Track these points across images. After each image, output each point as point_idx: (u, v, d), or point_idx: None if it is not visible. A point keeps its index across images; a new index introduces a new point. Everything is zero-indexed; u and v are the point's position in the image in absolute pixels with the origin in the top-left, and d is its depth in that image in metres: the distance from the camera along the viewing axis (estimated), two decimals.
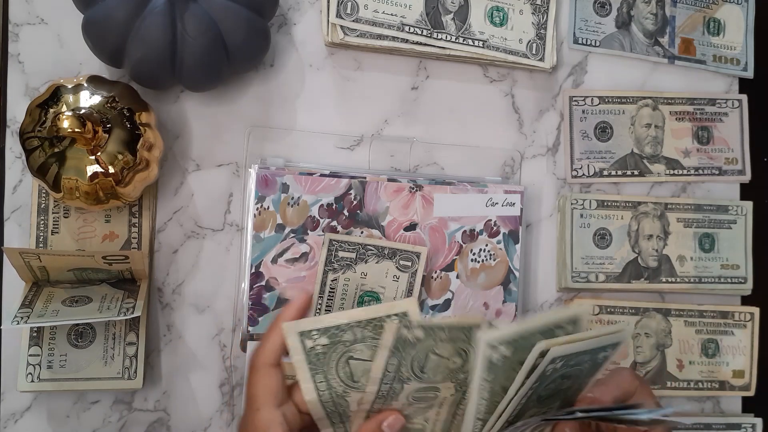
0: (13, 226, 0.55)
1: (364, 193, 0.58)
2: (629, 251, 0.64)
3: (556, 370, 0.39)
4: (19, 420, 0.55)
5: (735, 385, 0.65)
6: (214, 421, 0.58)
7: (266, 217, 0.56)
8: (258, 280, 0.55)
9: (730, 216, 0.66)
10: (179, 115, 0.58)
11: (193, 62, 0.51)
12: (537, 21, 0.63)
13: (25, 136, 0.50)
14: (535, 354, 0.37)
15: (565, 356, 0.38)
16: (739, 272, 0.66)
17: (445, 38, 0.60)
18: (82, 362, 0.54)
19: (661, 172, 0.66)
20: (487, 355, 0.38)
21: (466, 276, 0.60)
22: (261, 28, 0.54)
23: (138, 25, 0.49)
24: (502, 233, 0.60)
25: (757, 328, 0.66)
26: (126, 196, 0.52)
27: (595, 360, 0.41)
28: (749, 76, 0.69)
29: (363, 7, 0.58)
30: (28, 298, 0.51)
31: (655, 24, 0.67)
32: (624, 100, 0.65)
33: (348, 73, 0.61)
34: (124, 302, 0.51)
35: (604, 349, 0.40)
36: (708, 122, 0.67)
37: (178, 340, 0.57)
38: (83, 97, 0.50)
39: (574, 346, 0.38)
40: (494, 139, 0.63)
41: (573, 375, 0.41)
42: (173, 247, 0.58)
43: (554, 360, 0.38)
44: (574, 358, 0.39)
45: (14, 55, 0.56)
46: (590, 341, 0.39)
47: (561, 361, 0.38)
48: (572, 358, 0.39)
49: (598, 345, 0.40)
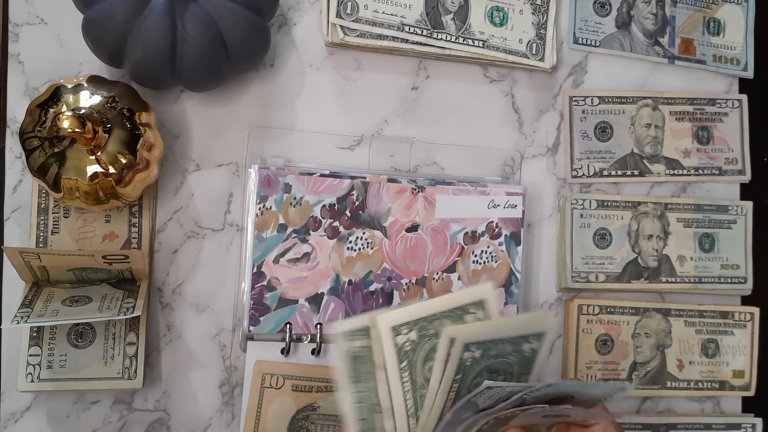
0: (13, 226, 0.55)
1: (367, 193, 0.58)
2: (629, 251, 0.64)
3: (477, 361, 0.37)
4: (19, 420, 0.55)
5: (735, 385, 0.66)
6: (214, 421, 0.58)
7: (268, 217, 0.56)
8: (260, 280, 0.55)
9: (730, 216, 0.66)
10: (179, 115, 0.58)
11: (193, 62, 0.51)
12: (537, 21, 0.63)
13: (25, 136, 0.50)
14: (445, 341, 0.35)
15: (479, 343, 0.36)
16: (739, 272, 0.66)
17: (445, 38, 0.60)
18: (82, 362, 0.54)
19: (661, 172, 0.66)
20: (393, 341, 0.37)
21: (467, 277, 0.60)
22: (261, 28, 0.54)
23: (138, 25, 0.49)
24: (504, 235, 0.60)
25: (757, 328, 0.66)
26: (126, 196, 0.52)
27: (522, 352, 0.39)
28: (749, 76, 0.69)
29: (363, 7, 0.58)
30: (28, 298, 0.51)
31: (655, 24, 0.67)
32: (624, 100, 0.65)
33: (348, 73, 0.61)
34: (124, 302, 0.51)
35: (527, 340, 0.38)
36: (708, 122, 0.67)
37: (178, 340, 0.57)
38: (83, 97, 0.50)
39: (485, 331, 0.36)
40: (494, 139, 0.63)
41: (502, 370, 0.39)
42: (173, 247, 0.58)
43: (469, 347, 0.36)
44: (493, 348, 0.37)
45: (14, 55, 0.56)
46: (503, 327, 0.37)
47: (478, 350, 0.36)
48: (490, 347, 0.37)
49: (518, 333, 0.37)
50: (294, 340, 0.55)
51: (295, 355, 0.55)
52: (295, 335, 0.55)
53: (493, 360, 0.38)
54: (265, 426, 0.55)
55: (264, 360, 0.55)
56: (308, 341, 0.56)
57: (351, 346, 0.39)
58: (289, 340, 0.55)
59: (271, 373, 0.55)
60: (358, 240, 0.57)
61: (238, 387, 0.58)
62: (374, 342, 0.39)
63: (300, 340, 0.56)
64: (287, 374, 0.55)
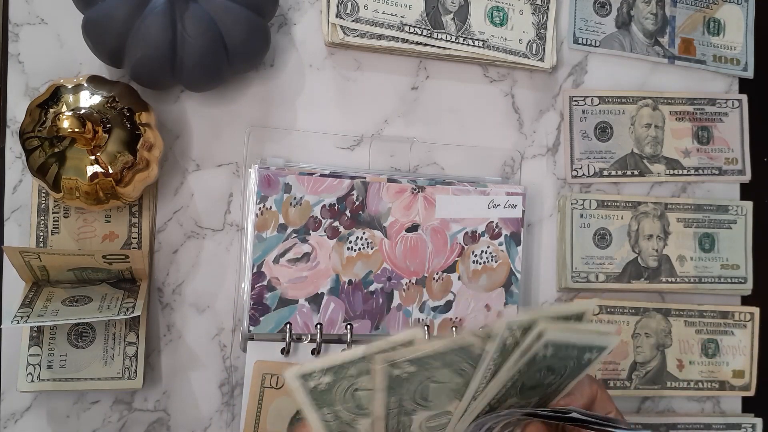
0: (13, 226, 0.55)
1: (367, 193, 0.58)
2: (629, 251, 0.64)
3: (545, 359, 0.38)
4: (19, 420, 0.55)
5: (735, 385, 0.66)
6: (214, 421, 0.58)
7: (268, 217, 0.56)
8: (260, 280, 0.55)
9: (730, 216, 0.66)
10: (179, 115, 0.58)
11: (193, 62, 0.51)
12: (537, 21, 0.63)
13: (25, 136, 0.50)
14: (534, 333, 0.37)
15: (556, 344, 0.37)
16: (739, 272, 0.66)
17: (445, 38, 0.60)
18: (82, 362, 0.54)
19: (661, 172, 0.66)
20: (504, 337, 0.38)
21: (467, 277, 0.60)
22: (261, 28, 0.54)
23: (138, 25, 0.49)
24: (504, 235, 0.60)
25: (757, 328, 0.66)
26: (126, 196, 0.52)
27: (581, 360, 0.40)
28: (749, 76, 0.69)
29: (363, 7, 0.58)
30: (28, 298, 0.51)
31: (655, 24, 0.67)
32: (624, 100, 0.65)
33: (348, 73, 0.61)
34: (124, 302, 0.51)
35: (591, 350, 0.40)
36: (708, 122, 0.67)
37: (178, 340, 0.57)
38: (83, 97, 0.50)
39: (568, 334, 0.38)
40: (494, 139, 0.63)
41: (557, 370, 0.40)
42: (173, 247, 0.58)
43: (547, 345, 0.37)
44: (564, 350, 0.38)
45: (14, 55, 0.56)
46: (584, 335, 0.38)
47: (552, 349, 0.38)
48: (562, 349, 0.38)
49: (588, 342, 0.39)
50: (294, 340, 0.55)
51: (295, 355, 0.55)
52: (295, 335, 0.55)
53: (557, 360, 0.39)
54: (265, 426, 0.55)
55: (264, 360, 0.55)
56: (308, 341, 0.56)
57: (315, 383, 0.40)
58: (289, 340, 0.55)
59: (271, 373, 0.55)
60: (358, 240, 0.57)
61: (238, 387, 0.58)
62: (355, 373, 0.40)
63: (300, 340, 0.56)
64: None
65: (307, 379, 0.39)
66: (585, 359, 0.41)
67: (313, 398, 0.40)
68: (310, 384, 0.40)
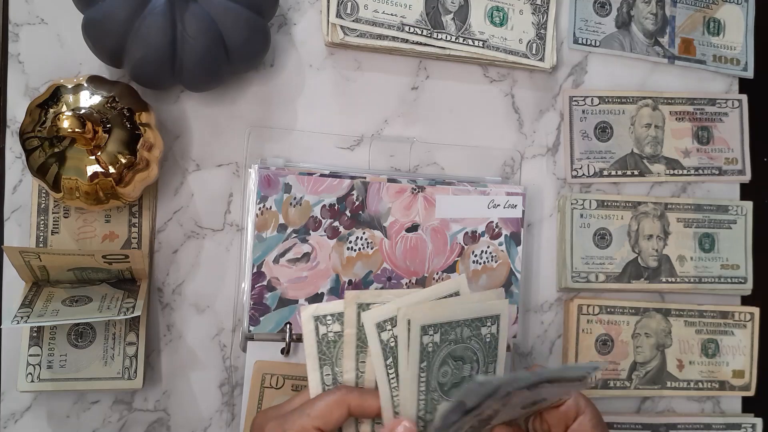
0: (13, 226, 0.55)
1: (367, 193, 0.58)
2: (629, 251, 0.64)
3: (438, 346, 0.37)
4: (19, 420, 0.55)
5: (735, 385, 0.66)
6: (214, 421, 0.58)
7: (268, 217, 0.56)
8: (260, 280, 0.55)
9: (730, 216, 0.66)
10: (179, 115, 0.58)
11: (193, 62, 0.51)
12: (537, 21, 0.63)
13: (25, 136, 0.50)
14: (403, 323, 0.36)
15: (435, 325, 0.36)
16: (739, 272, 0.66)
17: (445, 38, 0.60)
18: (82, 362, 0.54)
19: (661, 172, 0.66)
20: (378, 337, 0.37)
21: (467, 278, 0.60)
22: (261, 28, 0.54)
23: (138, 25, 0.49)
24: (504, 235, 0.60)
25: (757, 328, 0.66)
26: (126, 196, 0.52)
27: (482, 338, 0.39)
28: (749, 76, 0.69)
29: (363, 7, 0.58)
30: (28, 298, 0.51)
31: (655, 24, 0.67)
32: (624, 100, 0.65)
33: (348, 73, 0.61)
34: (124, 302, 0.51)
35: (484, 323, 0.38)
36: (708, 122, 0.67)
37: (178, 340, 0.57)
38: (83, 97, 0.50)
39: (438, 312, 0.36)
40: (494, 139, 0.63)
41: (467, 357, 0.38)
42: (173, 247, 0.58)
43: (426, 330, 0.36)
44: (451, 331, 0.37)
45: (14, 55, 0.56)
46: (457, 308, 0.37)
47: (436, 333, 0.36)
48: (448, 330, 0.37)
49: (471, 315, 0.38)
50: (294, 340, 0.55)
51: (295, 355, 0.55)
52: (295, 335, 0.55)
53: (454, 345, 0.38)
54: None
55: (264, 360, 0.55)
56: None
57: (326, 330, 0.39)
58: (289, 340, 0.55)
59: (271, 373, 0.55)
60: (358, 240, 0.57)
61: (238, 387, 0.58)
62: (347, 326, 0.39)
63: (300, 340, 0.56)
64: (287, 374, 0.55)
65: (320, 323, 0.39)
66: (486, 335, 0.39)
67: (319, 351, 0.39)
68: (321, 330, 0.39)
